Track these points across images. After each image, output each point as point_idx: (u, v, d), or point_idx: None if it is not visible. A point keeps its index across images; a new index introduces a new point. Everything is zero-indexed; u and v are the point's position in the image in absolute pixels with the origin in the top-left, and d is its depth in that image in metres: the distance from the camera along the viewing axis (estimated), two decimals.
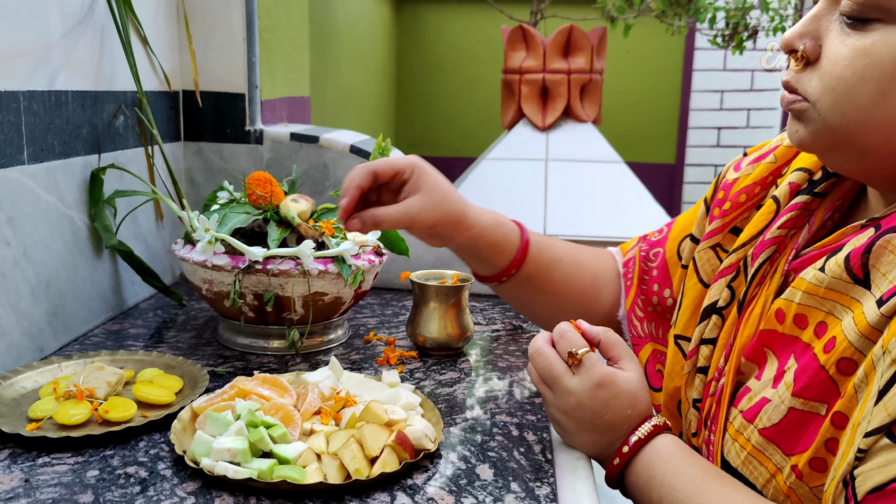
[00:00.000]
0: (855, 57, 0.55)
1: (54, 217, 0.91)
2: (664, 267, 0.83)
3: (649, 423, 0.67)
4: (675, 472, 0.63)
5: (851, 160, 0.59)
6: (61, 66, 0.91)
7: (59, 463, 0.66)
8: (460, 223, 0.81)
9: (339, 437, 0.68)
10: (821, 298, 0.58)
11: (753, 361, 0.64)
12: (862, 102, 0.56)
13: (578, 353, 0.68)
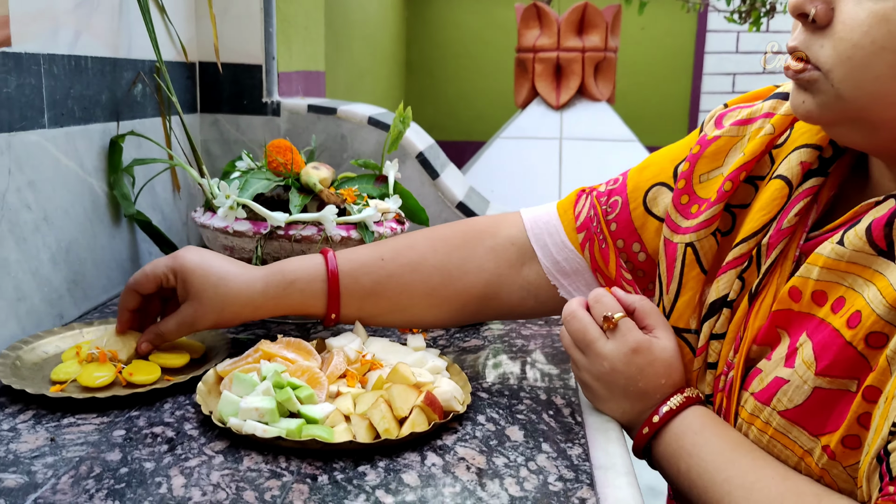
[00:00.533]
0: (874, 23, 0.51)
1: (74, 183, 0.90)
2: (627, 219, 0.75)
3: (681, 395, 0.65)
4: (704, 444, 0.61)
5: (862, 134, 0.56)
6: (81, 31, 0.90)
7: (84, 423, 0.66)
8: (243, 312, 0.75)
9: (367, 398, 0.67)
10: (841, 272, 0.55)
11: (766, 344, 0.61)
12: (881, 74, 0.52)
13: (615, 317, 0.67)
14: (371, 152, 1.23)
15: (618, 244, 0.75)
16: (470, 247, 0.80)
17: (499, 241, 0.80)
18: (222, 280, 0.74)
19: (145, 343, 0.76)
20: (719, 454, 0.60)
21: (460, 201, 1.23)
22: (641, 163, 0.78)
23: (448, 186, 1.23)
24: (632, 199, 0.75)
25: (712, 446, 0.61)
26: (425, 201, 1.20)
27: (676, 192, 0.71)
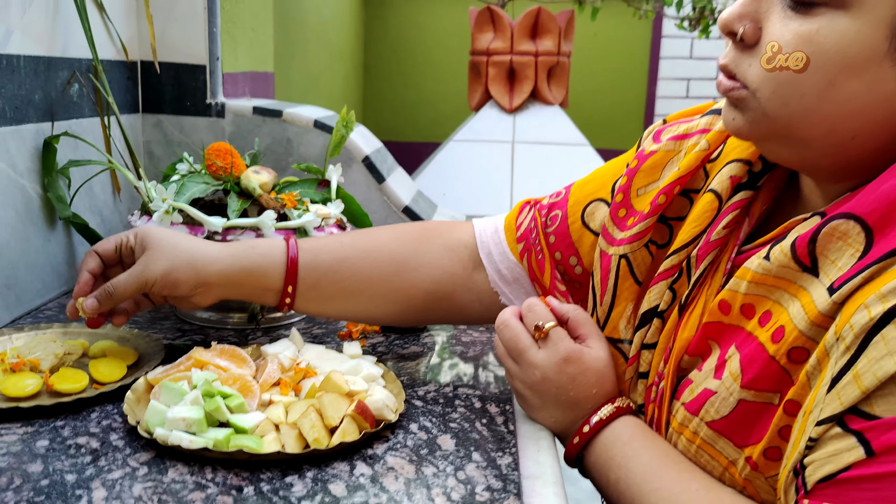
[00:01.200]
0: (799, 44, 0.52)
1: (5, 185, 0.88)
2: (565, 232, 0.76)
3: (612, 405, 0.66)
4: (633, 455, 0.62)
5: (791, 150, 0.57)
6: (13, 29, 0.88)
7: (7, 433, 0.64)
8: (196, 262, 0.74)
9: (299, 407, 0.67)
10: (768, 287, 0.56)
11: (697, 355, 0.62)
12: (805, 91, 0.53)
13: (546, 326, 0.67)
14: (317, 156, 1.23)
15: (555, 256, 0.76)
16: (427, 241, 0.81)
17: (453, 241, 0.81)
18: (177, 235, 0.76)
19: (92, 299, 0.74)
20: (647, 465, 0.61)
21: (406, 205, 1.23)
22: (585, 177, 0.80)
23: (394, 190, 1.23)
24: (571, 213, 0.76)
25: (640, 457, 0.62)
26: (371, 205, 1.20)
27: (614, 205, 0.72)
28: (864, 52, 0.51)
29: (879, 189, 0.50)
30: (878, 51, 0.51)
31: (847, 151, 0.55)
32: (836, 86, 0.52)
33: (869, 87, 0.51)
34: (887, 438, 0.45)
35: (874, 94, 0.52)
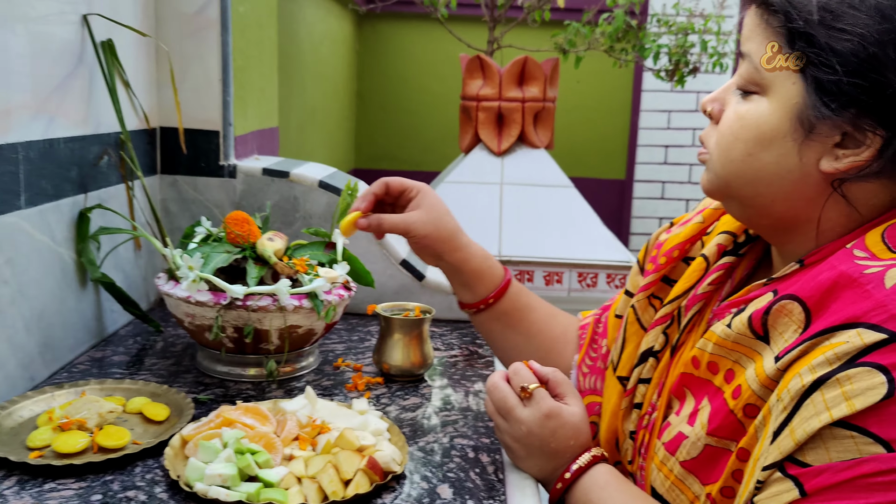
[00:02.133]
0: (734, 119, 0.67)
1: (46, 255, 0.98)
2: (606, 323, 0.94)
3: (589, 454, 0.77)
4: (608, 498, 0.73)
5: (738, 209, 0.71)
6: (55, 115, 0.98)
7: (64, 488, 0.74)
8: (449, 242, 0.94)
9: (317, 461, 0.77)
10: (728, 350, 0.68)
11: (677, 397, 0.74)
12: (734, 157, 0.67)
13: (530, 387, 0.78)
14: (322, 212, 1.33)
15: (601, 342, 0.94)
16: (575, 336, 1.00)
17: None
18: (450, 215, 0.96)
19: (365, 220, 0.94)
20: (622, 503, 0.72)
21: (403, 259, 1.33)
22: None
23: (392, 245, 1.33)
24: (611, 310, 0.95)
25: (615, 499, 0.73)
26: (371, 259, 1.30)
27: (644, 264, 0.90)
28: (773, 131, 0.65)
29: (817, 279, 0.62)
30: (783, 131, 0.64)
31: (773, 213, 0.68)
32: (752, 155, 0.66)
33: (777, 159, 0.65)
34: (817, 482, 0.56)
35: (780, 166, 0.65)
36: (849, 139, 0.62)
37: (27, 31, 0.92)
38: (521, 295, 0.99)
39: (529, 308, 0.99)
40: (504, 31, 2.47)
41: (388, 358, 1.04)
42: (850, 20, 0.59)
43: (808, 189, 0.65)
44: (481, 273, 0.96)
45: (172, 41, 1.27)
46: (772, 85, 0.65)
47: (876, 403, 0.53)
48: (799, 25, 0.61)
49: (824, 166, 0.64)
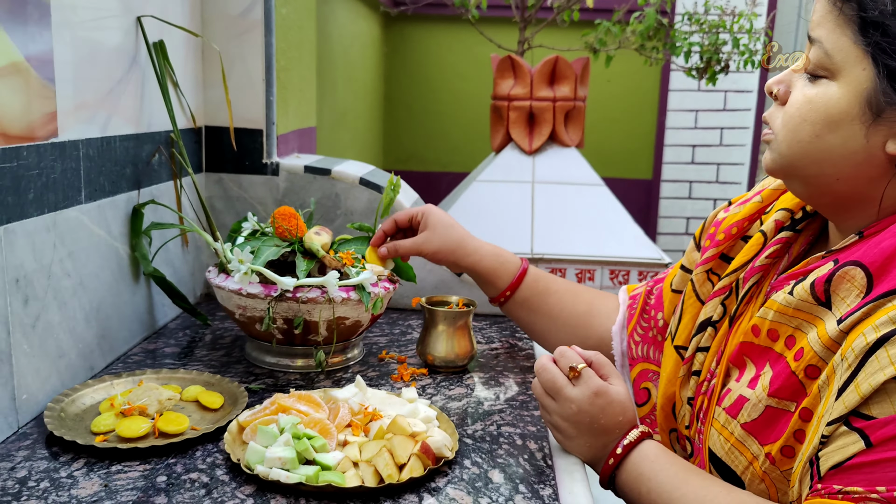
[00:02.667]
0: (803, 102, 0.70)
1: (104, 249, 1.02)
2: (660, 296, 0.97)
3: (637, 430, 0.79)
4: (660, 469, 0.75)
5: (799, 186, 0.74)
6: (111, 115, 1.02)
7: (130, 470, 0.77)
8: (458, 251, 1.06)
9: (371, 446, 0.79)
10: (789, 316, 0.70)
11: (736, 366, 0.77)
12: (802, 138, 0.70)
13: (578, 367, 0.80)
14: (363, 209, 1.36)
15: (652, 314, 0.97)
16: (606, 300, 1.06)
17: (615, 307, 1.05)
18: (456, 227, 1.08)
19: (384, 248, 1.07)
20: (674, 476, 0.74)
21: None
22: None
23: None
24: (665, 284, 0.97)
25: (667, 471, 0.75)
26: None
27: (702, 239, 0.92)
28: (841, 114, 0.67)
29: (880, 245, 0.65)
30: (852, 114, 0.67)
31: (834, 191, 0.71)
32: (820, 137, 0.69)
33: (843, 141, 0.68)
34: (882, 432, 0.58)
35: (847, 147, 0.68)
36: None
37: (87, 35, 0.95)
38: (539, 281, 1.06)
39: (549, 292, 1.05)
40: (535, 31, 2.49)
41: (433, 349, 1.06)
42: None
43: (871, 169, 0.68)
44: (495, 270, 1.06)
45: (218, 42, 1.30)
46: (842, 70, 0.67)
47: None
48: (873, 15, 0.64)
49: (891, 148, 0.66)
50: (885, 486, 0.57)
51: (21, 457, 0.79)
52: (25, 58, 0.83)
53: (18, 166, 0.82)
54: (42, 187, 0.87)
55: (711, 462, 0.76)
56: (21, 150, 0.83)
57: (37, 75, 0.85)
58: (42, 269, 0.88)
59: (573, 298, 1.05)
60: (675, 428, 0.87)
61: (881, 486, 0.57)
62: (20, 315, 0.84)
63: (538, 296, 1.05)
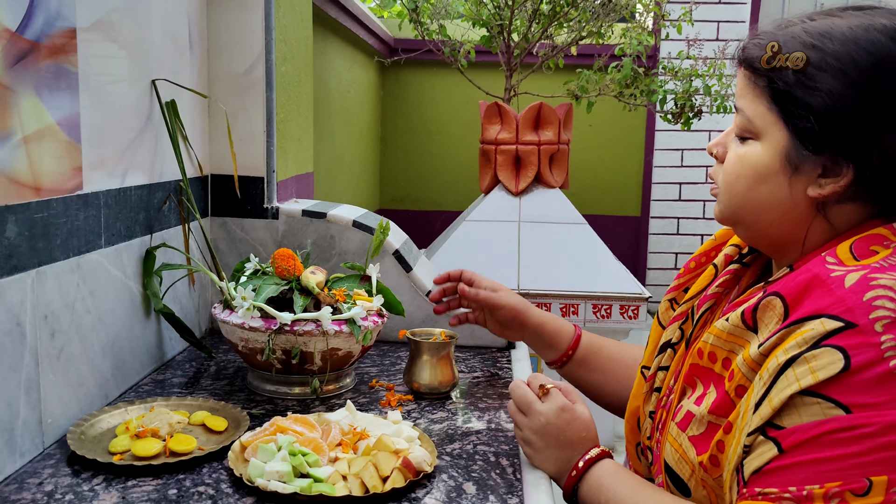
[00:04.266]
0: (735, 160, 0.81)
1: (119, 288, 1.13)
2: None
3: (598, 448, 0.90)
4: (618, 482, 0.85)
5: (742, 232, 0.85)
6: (128, 168, 1.14)
7: (144, 485, 0.87)
8: (528, 311, 1.16)
9: (359, 462, 0.89)
10: (724, 340, 0.81)
11: (688, 385, 0.86)
12: (738, 191, 0.81)
13: (548, 385, 0.92)
14: (356, 249, 1.47)
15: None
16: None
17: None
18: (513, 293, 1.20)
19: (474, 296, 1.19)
20: (630, 488, 0.84)
21: (430, 290, 1.46)
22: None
23: (420, 278, 1.46)
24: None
25: (624, 484, 0.85)
26: (401, 290, 1.43)
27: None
28: (767, 169, 0.79)
29: (797, 279, 0.75)
30: (775, 168, 0.78)
31: (768, 234, 0.82)
32: (752, 189, 0.80)
33: (772, 191, 0.79)
34: (791, 440, 0.68)
35: (774, 197, 0.80)
36: (829, 171, 0.76)
37: (109, 98, 1.08)
38: (592, 340, 1.16)
39: (602, 348, 1.15)
40: (520, 78, 2.63)
41: (418, 377, 1.16)
42: (820, 81, 0.74)
43: (797, 213, 0.79)
44: (558, 331, 1.15)
45: (223, 98, 1.43)
46: (763, 132, 0.79)
47: (835, 375, 0.66)
48: (781, 86, 0.76)
49: (811, 192, 0.77)
50: (796, 486, 0.67)
51: (47, 473, 0.89)
52: (56, 122, 0.95)
53: (49, 216, 0.94)
54: (68, 234, 0.98)
55: (665, 471, 0.86)
56: (51, 202, 0.94)
57: (66, 136, 0.97)
58: (67, 307, 0.98)
59: (621, 351, 1.15)
60: (640, 441, 0.97)
61: (792, 486, 0.67)
62: (47, 347, 0.94)
63: (594, 353, 1.15)
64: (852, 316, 0.67)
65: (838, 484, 0.65)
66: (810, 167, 0.76)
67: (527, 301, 1.18)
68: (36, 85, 0.90)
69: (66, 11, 0.96)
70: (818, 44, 0.75)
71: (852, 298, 0.68)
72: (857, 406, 0.65)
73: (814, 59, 0.74)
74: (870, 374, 0.65)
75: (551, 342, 1.15)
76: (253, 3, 1.41)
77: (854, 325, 0.67)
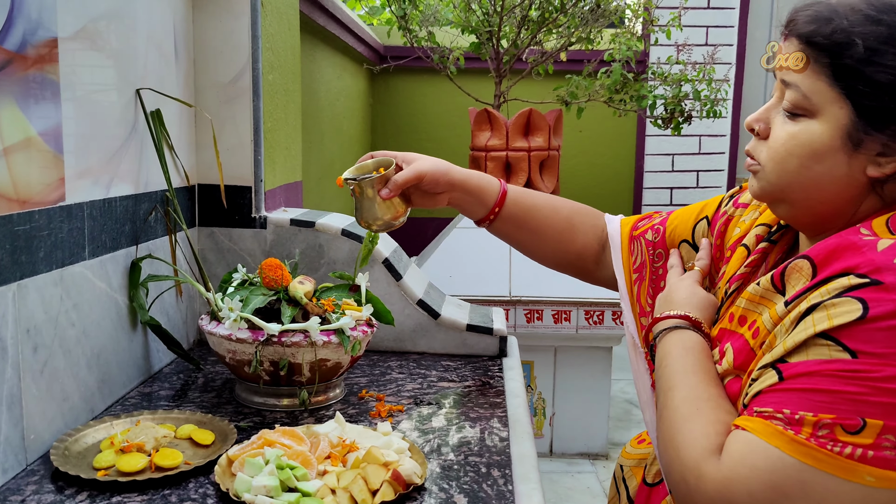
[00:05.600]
0: (787, 138, 0.80)
1: (104, 300, 1.11)
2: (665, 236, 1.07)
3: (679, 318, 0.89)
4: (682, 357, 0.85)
5: (785, 210, 0.83)
6: (113, 177, 1.12)
7: (129, 501, 0.86)
8: (450, 171, 1.09)
9: (348, 475, 0.88)
10: (755, 303, 0.81)
11: (714, 345, 0.87)
12: (790, 169, 0.80)
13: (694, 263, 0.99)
14: (344, 258, 1.46)
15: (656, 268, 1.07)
16: (587, 217, 1.14)
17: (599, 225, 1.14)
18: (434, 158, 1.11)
19: (386, 190, 1.07)
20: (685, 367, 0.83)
21: (420, 298, 1.45)
22: (670, 220, 1.08)
23: (409, 286, 1.45)
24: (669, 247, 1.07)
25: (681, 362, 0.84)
26: (391, 299, 1.42)
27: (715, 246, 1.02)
28: (825, 147, 0.78)
29: (826, 243, 0.75)
30: (834, 147, 0.77)
31: (817, 212, 0.81)
32: (806, 167, 0.79)
33: (828, 170, 0.78)
34: (793, 370, 0.69)
35: (831, 175, 0.78)
36: (888, 149, 0.75)
37: (92, 107, 1.06)
38: (521, 199, 1.12)
39: (531, 209, 1.12)
40: (510, 85, 2.63)
41: (370, 217, 1.09)
42: (888, 58, 0.73)
43: (852, 192, 0.78)
44: (482, 188, 1.10)
45: (210, 107, 1.42)
46: (821, 109, 0.77)
47: (850, 322, 0.66)
48: (848, 62, 0.75)
49: (870, 172, 0.77)
50: (790, 408, 0.68)
51: (30, 490, 0.87)
52: (38, 133, 0.93)
53: (31, 228, 0.92)
54: (51, 246, 0.97)
55: None
56: (33, 213, 0.93)
57: (48, 147, 0.96)
58: (50, 320, 0.97)
59: (553, 214, 1.12)
60: None
61: (787, 409, 0.68)
62: (30, 361, 0.93)
63: (523, 212, 1.11)
64: (880, 275, 0.67)
65: (832, 416, 0.65)
66: (871, 145, 0.75)
67: (445, 161, 1.12)
68: (17, 95, 0.89)
69: (47, 21, 0.95)
70: (886, 18, 0.73)
71: (882, 259, 0.68)
72: (863, 353, 0.66)
73: (882, 34, 0.73)
74: (883, 325, 0.65)
75: (478, 199, 1.10)
76: (239, 12, 1.40)
77: (880, 283, 0.67)
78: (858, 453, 0.64)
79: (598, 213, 1.16)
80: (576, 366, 2.45)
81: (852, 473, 0.64)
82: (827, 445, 0.65)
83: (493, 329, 1.45)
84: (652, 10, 2.57)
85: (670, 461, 0.75)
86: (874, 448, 0.64)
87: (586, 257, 1.13)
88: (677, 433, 0.76)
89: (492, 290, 2.28)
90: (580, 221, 1.13)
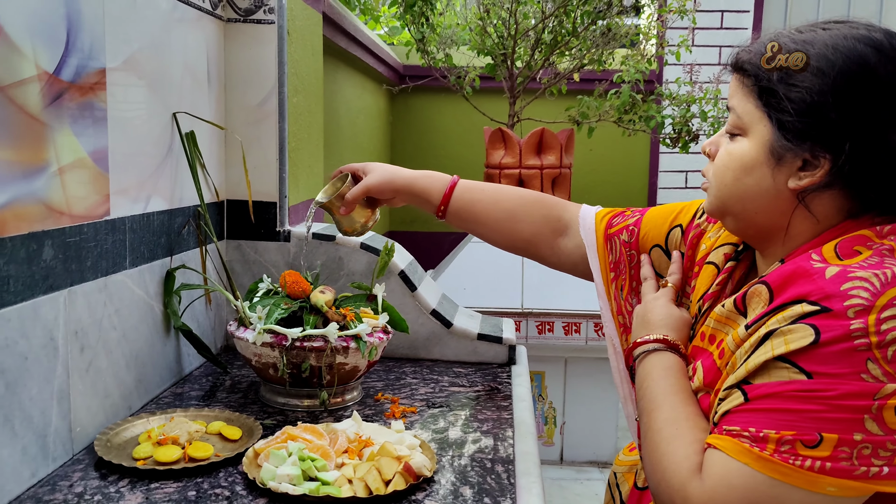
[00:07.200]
0: (725, 155, 0.89)
1: (142, 306, 1.21)
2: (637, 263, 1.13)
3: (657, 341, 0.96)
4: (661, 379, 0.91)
5: (732, 222, 0.91)
6: (151, 194, 1.22)
7: (166, 487, 0.95)
8: (395, 177, 1.22)
9: (363, 466, 0.96)
10: (722, 323, 0.89)
11: (688, 362, 0.95)
12: (727, 182, 0.89)
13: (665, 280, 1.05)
14: (363, 270, 1.55)
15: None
16: (534, 207, 1.21)
17: (554, 215, 1.21)
18: (389, 166, 1.25)
19: (351, 196, 1.23)
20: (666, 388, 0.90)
21: (434, 308, 1.54)
22: (644, 222, 1.13)
23: (424, 297, 1.54)
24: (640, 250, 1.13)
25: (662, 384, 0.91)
26: (405, 309, 1.51)
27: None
28: (752, 161, 0.87)
29: (782, 270, 0.82)
30: (760, 160, 0.86)
31: (756, 222, 0.89)
32: (738, 180, 0.88)
33: (756, 182, 0.87)
34: (756, 392, 0.76)
35: (759, 187, 0.87)
36: (808, 164, 0.84)
37: (134, 130, 1.17)
38: (466, 194, 1.22)
39: (474, 201, 1.22)
40: (523, 104, 2.72)
41: (349, 225, 1.26)
42: (800, 80, 0.82)
43: (780, 203, 0.86)
44: (427, 189, 1.22)
45: (239, 128, 1.52)
46: (751, 128, 0.86)
47: (804, 346, 0.74)
48: (765, 84, 0.84)
49: (791, 184, 0.85)
50: (755, 427, 0.75)
51: (77, 477, 0.97)
52: (88, 153, 1.04)
53: (80, 240, 1.02)
54: (97, 256, 1.07)
55: None
56: (83, 227, 1.03)
57: (95, 166, 1.06)
58: (95, 324, 1.07)
59: (493, 206, 1.21)
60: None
61: (752, 427, 0.75)
62: (77, 361, 1.03)
63: (469, 205, 1.21)
64: (829, 302, 0.74)
65: (793, 433, 0.72)
66: (791, 159, 0.83)
67: (395, 167, 1.24)
68: (70, 121, 0.99)
69: (97, 52, 1.05)
70: (801, 49, 0.83)
71: (831, 287, 0.75)
72: (818, 374, 0.73)
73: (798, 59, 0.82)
74: (835, 349, 0.73)
75: (424, 199, 1.22)
76: (267, 40, 1.51)
77: (829, 310, 0.74)
78: (818, 465, 0.71)
79: (555, 204, 1.23)
80: (585, 376, 2.52)
81: (814, 484, 0.72)
82: (789, 460, 0.72)
83: (502, 338, 1.53)
84: (662, 33, 2.66)
85: (658, 484, 0.83)
86: (831, 460, 0.71)
87: (538, 244, 1.20)
88: (662, 457, 0.83)
89: (505, 302, 2.36)
90: (525, 212, 1.20)
